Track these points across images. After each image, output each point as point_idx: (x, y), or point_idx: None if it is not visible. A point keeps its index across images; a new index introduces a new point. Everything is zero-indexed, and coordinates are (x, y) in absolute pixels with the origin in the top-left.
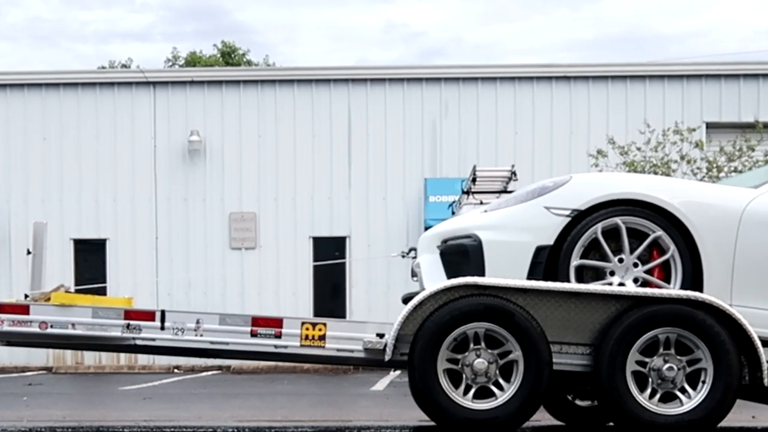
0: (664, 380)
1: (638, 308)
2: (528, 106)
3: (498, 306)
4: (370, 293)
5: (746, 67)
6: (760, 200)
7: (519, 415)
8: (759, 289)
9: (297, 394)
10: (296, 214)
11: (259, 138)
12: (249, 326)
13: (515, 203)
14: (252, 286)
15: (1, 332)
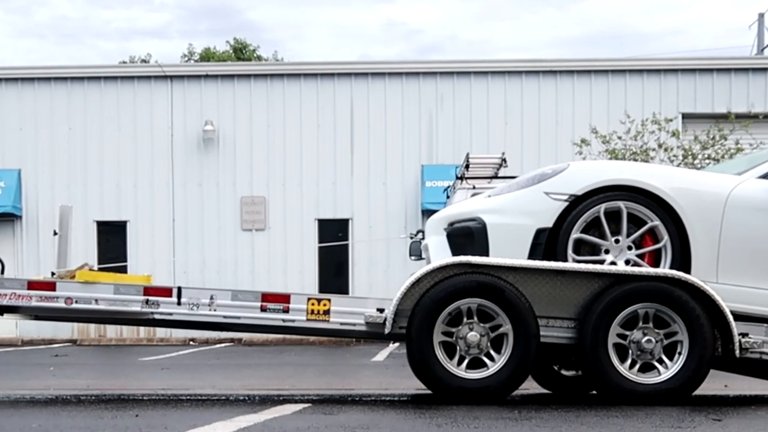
0: (643, 352)
1: (619, 285)
2: (517, 99)
3: (489, 283)
4: (371, 272)
5: (719, 62)
6: (743, 186)
7: (509, 384)
8: (742, 268)
9: (303, 364)
10: (302, 198)
11: (268, 128)
12: (259, 302)
13: (517, 189)
14: (262, 264)
15: (30, 307)
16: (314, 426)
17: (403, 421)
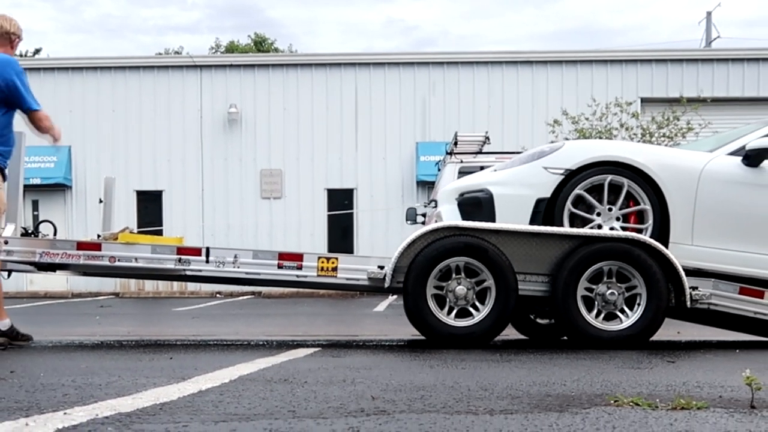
0: (607, 303)
1: (587, 245)
2: (499, 85)
3: (475, 244)
4: (372, 234)
5: (673, 53)
6: (714, 162)
7: (491, 331)
8: (713, 232)
9: (314, 314)
10: (314, 170)
11: (284, 110)
12: (276, 260)
13: (519, 164)
14: (278, 228)
15: (79, 265)
16: (323, 367)
17: (400, 362)
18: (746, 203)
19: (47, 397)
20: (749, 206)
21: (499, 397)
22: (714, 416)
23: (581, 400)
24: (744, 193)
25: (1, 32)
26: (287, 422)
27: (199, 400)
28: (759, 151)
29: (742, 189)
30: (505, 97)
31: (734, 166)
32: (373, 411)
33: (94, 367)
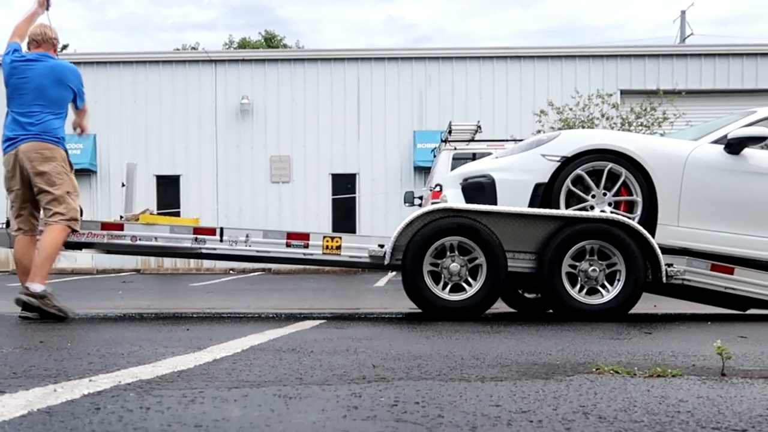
0: (590, 279)
1: (571, 226)
2: (489, 78)
3: (467, 224)
4: (373, 215)
5: (650, 49)
6: (698, 149)
7: (482, 305)
8: (697, 214)
9: (320, 289)
10: (319, 157)
11: (292, 101)
12: (285, 239)
13: (519, 152)
14: (287, 210)
15: (103, 243)
16: (328, 338)
17: (399, 333)
18: (728, 188)
19: (74, 365)
20: (731, 191)
21: (489, 365)
22: (688, 383)
23: (565, 368)
24: (726, 179)
25: (47, 39)
26: (295, 388)
27: (214, 368)
28: (740, 139)
29: (724, 175)
30: (496, 89)
31: (717, 153)
32: (373, 378)
33: (117, 337)
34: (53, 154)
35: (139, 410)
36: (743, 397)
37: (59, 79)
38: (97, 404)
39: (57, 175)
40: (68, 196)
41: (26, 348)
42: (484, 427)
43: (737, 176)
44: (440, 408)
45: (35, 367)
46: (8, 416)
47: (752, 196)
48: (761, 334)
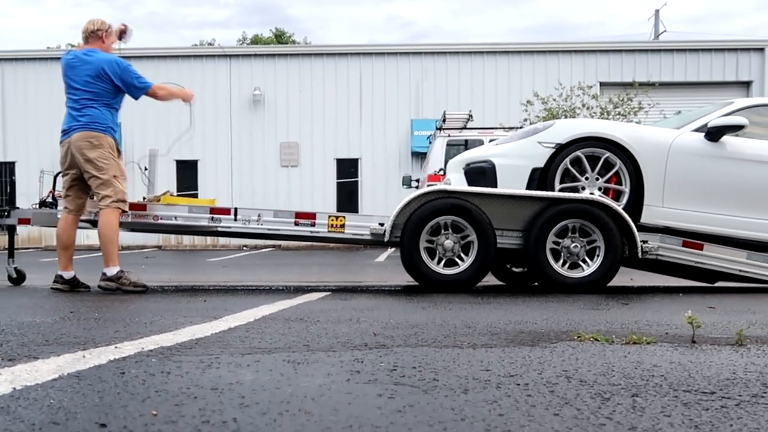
0: (572, 254)
1: (554, 206)
2: (480, 71)
3: (460, 204)
4: (374, 196)
5: (627, 44)
6: (681, 137)
7: (474, 278)
8: (680, 196)
9: (325, 264)
10: (325, 143)
11: (300, 92)
12: (293, 218)
13: (517, 139)
14: (295, 192)
15: (128, 222)
16: (333, 308)
17: (397, 304)
18: (708, 172)
19: (101, 333)
20: (710, 175)
21: (480, 333)
22: (661, 350)
23: (549, 336)
24: (706, 164)
25: (91, 33)
26: (303, 354)
27: (229, 336)
28: (719, 128)
29: (705, 160)
30: (486, 81)
31: (698, 141)
32: (374, 345)
33: (141, 308)
34: (100, 142)
35: (161, 374)
36: (712, 362)
37: (99, 73)
38: (122, 369)
39: (104, 161)
40: (115, 180)
41: (57, 318)
42: (475, 389)
43: (716, 161)
44: (435, 372)
45: (66, 335)
46: (41, 380)
47: (730, 180)
48: (728, 304)
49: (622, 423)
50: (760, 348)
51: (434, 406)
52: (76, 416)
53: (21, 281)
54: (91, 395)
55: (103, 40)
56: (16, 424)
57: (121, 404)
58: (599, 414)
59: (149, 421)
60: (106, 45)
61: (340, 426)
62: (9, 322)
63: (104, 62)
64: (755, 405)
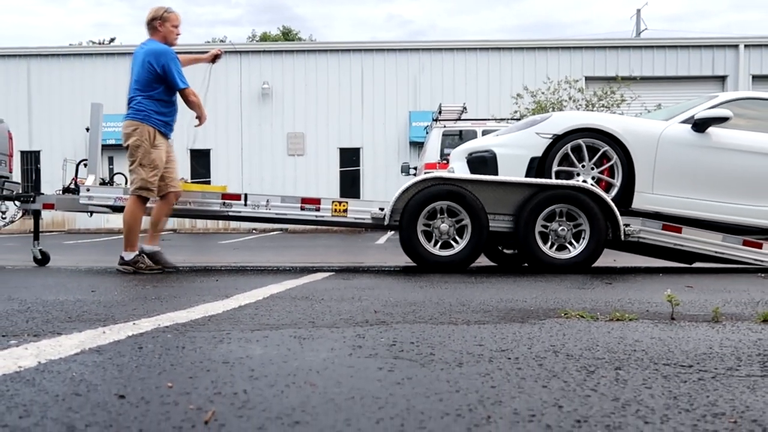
0: (559, 237)
1: (543, 192)
2: (474, 66)
3: (455, 191)
4: (374, 183)
5: (611, 41)
6: (669, 128)
7: (468, 259)
8: (669, 183)
9: (329, 246)
10: (329, 133)
11: (306, 86)
12: (299, 203)
13: (517, 130)
14: (301, 179)
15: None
16: (337, 287)
17: (396, 283)
18: (694, 161)
19: (120, 311)
20: (696, 163)
21: (474, 310)
22: (642, 326)
23: (538, 313)
24: (692, 153)
25: (147, 24)
26: (308, 330)
27: (239, 313)
28: (705, 120)
29: (692, 150)
30: (479, 75)
31: (685, 131)
32: (375, 322)
33: (157, 287)
34: (136, 131)
35: (176, 349)
36: (689, 337)
37: (144, 61)
38: (140, 344)
39: (135, 149)
40: (140, 168)
41: (80, 296)
42: (469, 363)
43: (702, 151)
44: (432, 347)
45: (87, 312)
46: (64, 354)
47: (715, 168)
48: (705, 284)
49: (606, 394)
50: (735, 325)
51: (431, 378)
52: (97, 388)
53: (45, 262)
54: (110, 368)
55: (157, 29)
56: (41, 395)
57: (138, 377)
58: (585, 386)
59: (165, 392)
60: (162, 33)
61: (343, 397)
62: (34, 300)
63: (150, 53)
64: (730, 378)
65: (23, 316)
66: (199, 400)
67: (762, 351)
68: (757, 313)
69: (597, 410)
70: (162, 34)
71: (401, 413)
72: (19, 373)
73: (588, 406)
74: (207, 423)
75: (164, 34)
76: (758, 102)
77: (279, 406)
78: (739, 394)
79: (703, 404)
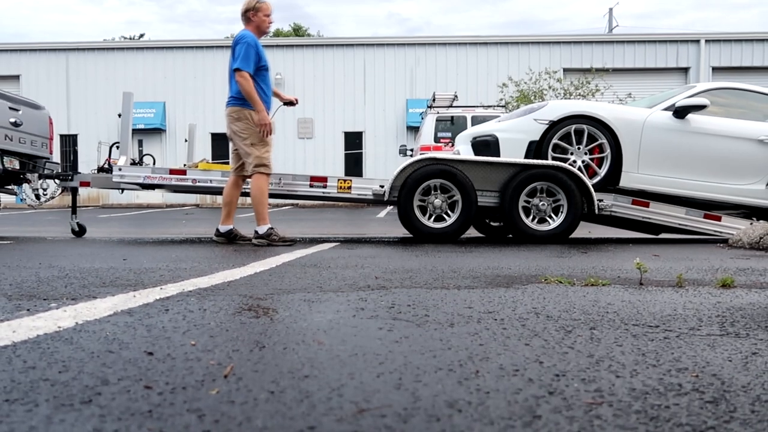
0: (540, 211)
1: (525, 171)
2: (464, 59)
3: (447, 169)
4: (375, 163)
5: (586, 37)
6: (653, 115)
7: (458, 231)
8: (652, 164)
9: (335, 219)
10: (335, 118)
11: (314, 77)
12: (308, 181)
13: (516, 117)
14: (310, 159)
15: (171, 185)
16: (342, 256)
17: (395, 252)
18: (675, 144)
19: (148, 277)
20: (677, 146)
21: (464, 277)
22: (614, 290)
23: (521, 279)
24: (673, 137)
25: (241, 16)
26: (316, 294)
27: (255, 279)
28: (685, 107)
29: (672, 134)
30: (469, 67)
31: (667, 118)
32: (376, 286)
33: (182, 256)
34: (240, 115)
35: (198, 311)
36: (656, 301)
37: (233, 50)
38: (167, 306)
39: (244, 132)
40: (253, 148)
41: (112, 264)
42: (459, 323)
43: (682, 135)
44: (426, 309)
45: (119, 278)
46: (99, 315)
47: (694, 150)
48: (670, 253)
49: (582, 351)
50: (697, 289)
51: (425, 337)
52: (128, 346)
53: (82, 234)
54: (140, 328)
55: (251, 19)
56: (78, 352)
57: (165, 336)
58: (563, 344)
59: (189, 350)
60: (255, 23)
61: (347, 354)
62: (72, 268)
63: (236, 40)
64: (692, 336)
65: (62, 281)
66: (219, 357)
67: (720, 313)
68: (716, 279)
69: (574, 365)
70: (255, 24)
71: (399, 368)
72: (58, 333)
73: (566, 362)
74: (226, 377)
75: (257, 24)
76: (731, 92)
77: (290, 362)
78: (701, 351)
79: (669, 360)
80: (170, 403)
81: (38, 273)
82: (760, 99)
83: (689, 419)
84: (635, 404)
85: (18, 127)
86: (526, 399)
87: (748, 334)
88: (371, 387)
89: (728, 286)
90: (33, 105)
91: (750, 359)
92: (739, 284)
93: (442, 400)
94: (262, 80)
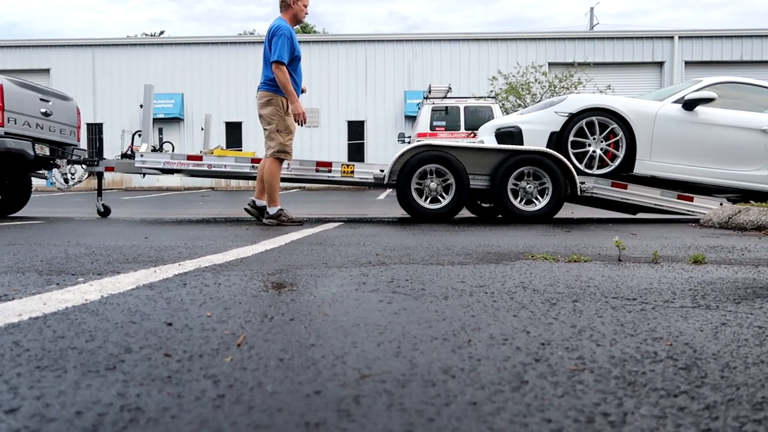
0: (527, 193)
1: (514, 156)
2: (457, 54)
3: (441, 155)
4: (376, 149)
5: (569, 33)
6: (664, 107)
7: (452, 211)
8: (663, 152)
9: (339, 201)
10: (338, 108)
11: (320, 70)
12: (315, 166)
13: (537, 110)
14: (316, 146)
15: (188, 170)
16: (346, 234)
17: (394, 231)
18: (684, 134)
19: (168, 254)
20: (686, 136)
21: (457, 254)
22: (595, 266)
23: (510, 256)
24: (682, 128)
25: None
26: (321, 270)
27: (266, 256)
28: (693, 100)
29: (682, 125)
30: (462, 61)
31: (676, 110)
32: (376, 262)
33: (198, 234)
34: (271, 101)
35: (214, 285)
36: (633, 276)
37: (269, 38)
38: (185, 281)
39: (270, 117)
40: (278, 134)
41: (135, 242)
42: (453, 296)
43: (691, 126)
44: (423, 283)
45: (141, 255)
46: (122, 289)
47: (702, 140)
48: (646, 232)
49: (566, 322)
50: (671, 265)
51: (422, 309)
52: (149, 317)
53: (107, 214)
54: (160, 301)
55: (291, 6)
56: (103, 323)
57: (183, 308)
58: (548, 315)
59: (205, 321)
60: (294, 10)
61: (350, 324)
62: (98, 246)
63: (272, 28)
64: (667, 308)
65: (89, 258)
66: (232, 327)
67: (693, 287)
68: (688, 255)
69: (558, 335)
70: (293, 11)
71: (398, 338)
72: (85, 305)
73: (551, 331)
74: (239, 345)
75: (295, 12)
76: (735, 85)
77: (298, 332)
78: (674, 322)
79: (645, 330)
80: (188, 369)
81: (67, 250)
82: (761, 92)
83: (664, 384)
84: (614, 370)
85: (48, 116)
86: (514, 366)
87: (717, 307)
88: (372, 355)
89: (700, 262)
90: (62, 96)
91: (719, 329)
92: (709, 260)
93: (437, 366)
94: (294, 70)
